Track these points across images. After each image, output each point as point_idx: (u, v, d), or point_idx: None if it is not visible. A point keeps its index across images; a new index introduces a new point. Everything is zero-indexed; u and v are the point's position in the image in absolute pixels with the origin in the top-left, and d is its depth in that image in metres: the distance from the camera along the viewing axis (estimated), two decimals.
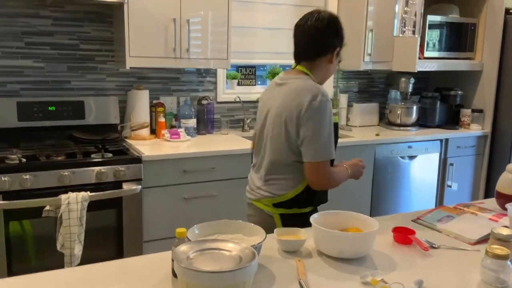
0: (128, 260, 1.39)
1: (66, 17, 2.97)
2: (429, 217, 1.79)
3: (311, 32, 1.78)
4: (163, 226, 2.75)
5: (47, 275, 1.27)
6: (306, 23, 1.80)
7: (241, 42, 3.55)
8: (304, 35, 1.81)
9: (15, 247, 2.40)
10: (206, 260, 1.10)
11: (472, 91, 4.01)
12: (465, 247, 1.55)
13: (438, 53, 3.79)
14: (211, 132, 3.42)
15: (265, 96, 1.91)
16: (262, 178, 1.85)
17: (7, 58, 2.86)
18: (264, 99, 1.90)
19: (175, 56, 2.94)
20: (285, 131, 1.74)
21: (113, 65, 3.14)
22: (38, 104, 2.86)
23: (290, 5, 3.69)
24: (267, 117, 1.83)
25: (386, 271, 1.35)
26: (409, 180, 3.60)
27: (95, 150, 2.70)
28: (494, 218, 1.73)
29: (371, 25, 3.56)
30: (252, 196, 1.90)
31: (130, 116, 3.07)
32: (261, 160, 1.88)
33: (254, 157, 1.95)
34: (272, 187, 1.82)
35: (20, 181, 2.34)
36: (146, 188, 2.67)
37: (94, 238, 2.53)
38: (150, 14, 2.83)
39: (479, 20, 3.90)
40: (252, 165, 1.97)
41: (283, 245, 1.46)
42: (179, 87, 3.37)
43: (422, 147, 3.61)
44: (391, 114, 3.88)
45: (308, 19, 1.80)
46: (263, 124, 1.85)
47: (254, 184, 1.90)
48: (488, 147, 3.89)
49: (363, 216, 1.54)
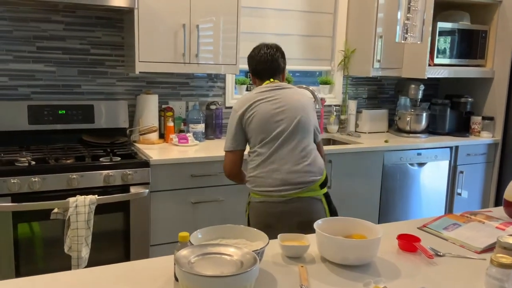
0: (132, 263, 1.40)
1: (78, 22, 3.01)
2: (435, 224, 1.78)
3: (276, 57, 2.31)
4: (170, 230, 2.76)
5: (51, 277, 1.28)
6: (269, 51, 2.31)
7: (250, 48, 3.54)
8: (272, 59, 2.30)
9: (23, 249, 2.42)
10: (207, 265, 1.10)
11: (482, 98, 3.98)
12: (471, 255, 1.54)
13: (448, 60, 3.77)
14: (219, 137, 3.43)
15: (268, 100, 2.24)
16: (304, 162, 2.12)
17: (19, 62, 2.90)
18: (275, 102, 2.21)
19: (184, 61, 2.96)
20: (311, 120, 2.22)
21: (123, 70, 3.17)
22: (49, 108, 2.90)
23: (299, 11, 3.69)
24: (284, 112, 2.17)
25: (389, 279, 1.34)
26: (418, 187, 3.58)
27: (104, 153, 2.72)
28: (501, 227, 1.71)
29: (380, 32, 3.56)
30: (297, 187, 2.09)
31: (139, 120, 3.10)
32: (292, 151, 2.13)
33: (278, 153, 2.13)
34: (316, 167, 2.15)
35: (29, 184, 2.36)
36: (153, 192, 2.68)
37: (101, 241, 2.55)
38: (160, 20, 2.86)
39: (490, 27, 3.87)
40: (276, 164, 2.12)
41: (286, 250, 1.46)
42: (188, 92, 3.39)
43: (431, 155, 3.58)
44: (401, 120, 3.86)
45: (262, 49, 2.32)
46: (283, 119, 2.16)
47: (301, 171, 2.10)
48: (498, 155, 3.85)
49: (367, 222, 1.54)
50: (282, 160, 2.11)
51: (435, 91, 4.38)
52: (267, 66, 2.26)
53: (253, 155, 2.19)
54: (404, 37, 1.29)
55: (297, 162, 2.11)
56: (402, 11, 1.25)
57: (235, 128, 2.20)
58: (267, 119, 2.14)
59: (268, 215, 2.12)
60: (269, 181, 2.10)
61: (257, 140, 2.16)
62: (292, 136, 2.13)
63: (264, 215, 2.13)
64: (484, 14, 3.92)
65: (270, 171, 2.11)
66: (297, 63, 3.77)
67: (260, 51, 2.28)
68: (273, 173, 2.10)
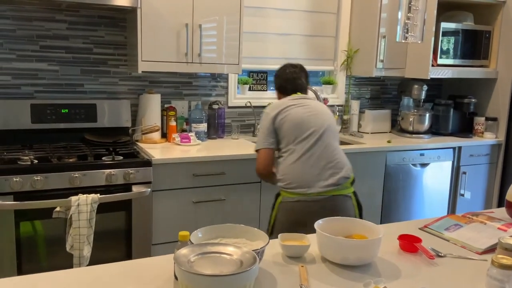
0: (133, 262, 1.40)
1: (81, 21, 3.02)
2: (436, 225, 1.77)
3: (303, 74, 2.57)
4: (172, 230, 2.77)
5: (52, 275, 1.28)
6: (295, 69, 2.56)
7: (253, 48, 3.56)
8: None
9: (26, 247, 2.43)
10: (207, 264, 1.10)
11: (486, 99, 3.97)
12: (472, 256, 1.53)
13: (452, 61, 3.76)
14: (222, 137, 3.43)
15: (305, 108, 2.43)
16: (336, 161, 2.29)
17: (22, 61, 2.91)
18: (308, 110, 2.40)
19: (186, 61, 2.96)
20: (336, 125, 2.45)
21: (126, 69, 3.18)
22: (52, 107, 2.91)
23: (302, 11, 3.69)
24: (315, 115, 2.37)
25: (389, 279, 1.33)
26: (421, 188, 3.57)
27: (106, 152, 2.73)
28: (503, 228, 1.70)
29: (384, 32, 3.55)
30: (332, 186, 2.24)
31: (142, 119, 3.10)
32: (326, 150, 2.31)
33: (313, 150, 2.28)
34: (346, 166, 2.33)
35: (32, 182, 2.37)
36: (155, 191, 2.69)
37: (103, 240, 2.56)
38: (163, 19, 2.86)
39: (493, 27, 3.86)
40: (312, 160, 2.27)
41: (287, 250, 1.46)
42: (190, 92, 3.40)
43: (434, 155, 3.57)
44: (404, 121, 3.85)
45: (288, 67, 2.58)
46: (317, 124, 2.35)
47: (335, 168, 2.28)
48: (502, 156, 3.84)
49: (368, 223, 1.53)
50: (318, 158, 2.27)
51: (438, 91, 4.37)
52: (292, 84, 2.50)
53: (286, 154, 2.32)
54: (404, 36, 1.29)
55: (330, 160, 2.29)
56: (402, 11, 1.25)
57: (268, 129, 2.36)
58: (301, 120, 2.32)
59: (303, 214, 2.23)
60: (305, 177, 2.24)
61: (290, 138, 2.31)
62: (324, 137, 2.31)
63: (299, 214, 2.24)
64: (488, 15, 3.91)
65: (307, 166, 2.26)
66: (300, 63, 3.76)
67: (285, 70, 2.54)
68: (311, 168, 2.25)
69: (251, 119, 3.63)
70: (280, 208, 2.31)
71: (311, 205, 2.23)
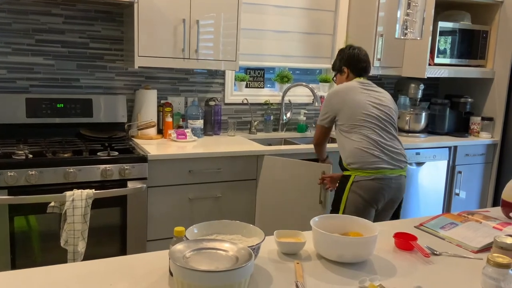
0: (127, 257, 1.39)
1: (77, 16, 3.00)
2: (432, 223, 1.77)
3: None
4: (167, 226, 2.76)
5: (46, 270, 1.27)
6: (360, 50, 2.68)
7: (250, 45, 3.55)
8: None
9: (20, 242, 2.41)
10: (202, 260, 1.09)
11: (482, 99, 3.98)
12: (468, 254, 1.53)
13: (449, 60, 3.77)
14: (218, 134, 3.42)
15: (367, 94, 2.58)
16: (401, 144, 2.54)
17: (17, 54, 2.89)
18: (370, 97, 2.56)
19: (183, 56, 2.95)
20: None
21: (122, 64, 3.16)
22: (47, 101, 2.89)
23: (300, 9, 3.68)
24: (381, 100, 2.55)
25: (385, 277, 1.33)
26: (417, 187, 3.57)
27: (102, 148, 2.72)
28: (498, 227, 1.71)
29: (381, 30, 3.55)
30: (401, 165, 2.48)
31: (138, 115, 3.09)
32: (391, 136, 2.51)
33: (383, 131, 2.47)
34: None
35: (26, 177, 2.36)
36: (151, 187, 2.68)
37: (98, 236, 2.55)
38: (160, 14, 2.85)
39: (491, 27, 3.87)
40: (384, 140, 2.46)
41: (282, 247, 1.46)
42: (187, 88, 3.38)
43: (430, 154, 3.58)
44: (400, 120, 3.85)
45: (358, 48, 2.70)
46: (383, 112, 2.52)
47: (402, 149, 2.53)
48: (497, 156, 3.85)
49: (364, 220, 1.53)
50: (389, 138, 2.47)
51: (435, 90, 4.37)
52: (367, 65, 2.65)
53: (354, 130, 2.46)
54: (403, 33, 1.29)
55: (397, 142, 2.52)
56: (402, 7, 1.25)
57: (333, 107, 2.54)
58: (368, 102, 2.48)
59: (379, 191, 2.41)
60: (380, 155, 2.42)
61: (356, 118, 2.46)
62: (389, 120, 2.51)
63: (375, 191, 2.41)
64: (485, 14, 3.91)
65: (381, 146, 2.43)
66: (297, 61, 3.76)
67: (360, 51, 2.65)
68: (384, 148, 2.43)
69: (248, 116, 3.62)
70: (353, 187, 2.44)
71: (388, 183, 2.42)
